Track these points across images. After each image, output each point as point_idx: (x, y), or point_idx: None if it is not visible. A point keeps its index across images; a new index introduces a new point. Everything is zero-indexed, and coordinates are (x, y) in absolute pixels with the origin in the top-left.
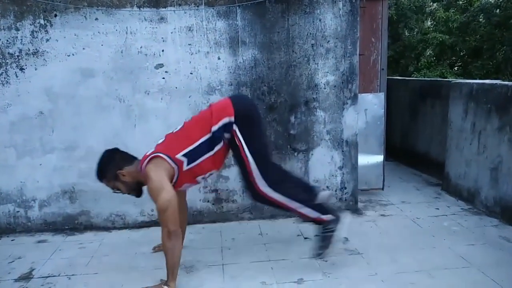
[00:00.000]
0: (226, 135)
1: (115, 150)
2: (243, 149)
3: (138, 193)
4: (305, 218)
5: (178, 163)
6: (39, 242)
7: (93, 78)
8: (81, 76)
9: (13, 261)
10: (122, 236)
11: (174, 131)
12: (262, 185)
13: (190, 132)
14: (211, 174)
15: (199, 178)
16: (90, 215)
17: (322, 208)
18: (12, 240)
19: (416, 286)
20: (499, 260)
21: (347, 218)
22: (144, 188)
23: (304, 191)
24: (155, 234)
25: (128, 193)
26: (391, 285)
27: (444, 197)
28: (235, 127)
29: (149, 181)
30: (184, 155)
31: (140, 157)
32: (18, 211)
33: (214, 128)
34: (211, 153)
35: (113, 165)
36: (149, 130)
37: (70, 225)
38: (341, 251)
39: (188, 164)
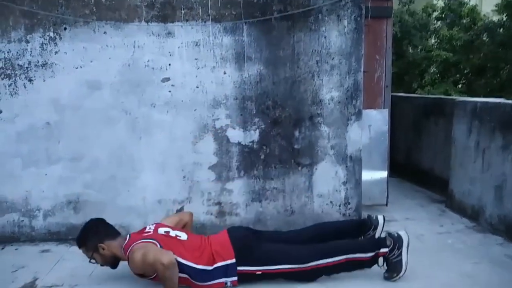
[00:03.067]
0: (231, 280)
1: (101, 222)
2: (271, 269)
3: (113, 266)
4: (365, 262)
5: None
6: (42, 251)
7: (99, 91)
8: (88, 88)
9: (16, 270)
10: None
11: (178, 237)
12: (301, 267)
13: (194, 251)
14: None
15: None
16: None
17: (371, 243)
18: (16, 249)
19: None
20: (504, 279)
21: (406, 237)
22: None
23: (342, 242)
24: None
25: (102, 265)
26: None
27: (448, 214)
28: (241, 267)
29: (138, 257)
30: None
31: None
32: (22, 220)
33: (213, 267)
34: (199, 283)
35: (96, 237)
36: (154, 143)
37: (74, 235)
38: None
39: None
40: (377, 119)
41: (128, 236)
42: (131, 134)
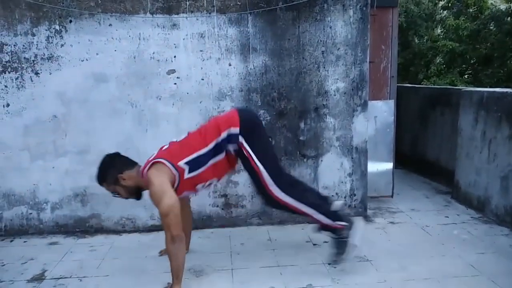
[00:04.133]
0: (232, 147)
1: (116, 155)
2: (253, 158)
3: (138, 197)
4: (318, 224)
5: (180, 171)
6: (51, 244)
7: (106, 83)
8: (94, 81)
9: (25, 262)
10: (132, 240)
11: (178, 140)
12: (275, 191)
13: (194, 141)
14: (211, 183)
15: (198, 186)
16: (101, 218)
17: (335, 215)
18: (24, 242)
19: None
20: (510, 269)
21: (360, 225)
22: (145, 192)
23: (316, 198)
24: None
25: (127, 197)
26: None
27: (454, 205)
28: (241, 138)
29: (151, 186)
30: (186, 163)
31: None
32: (30, 213)
33: (218, 138)
34: (213, 162)
35: (114, 169)
36: (160, 135)
37: (81, 228)
38: (350, 258)
39: (189, 172)
40: (383, 110)
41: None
42: (138, 127)
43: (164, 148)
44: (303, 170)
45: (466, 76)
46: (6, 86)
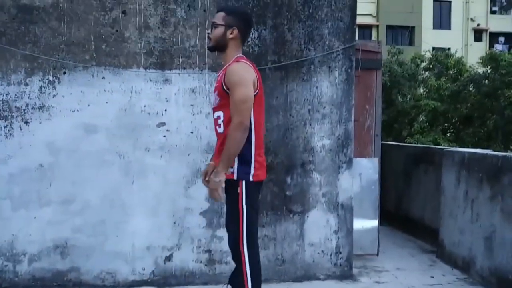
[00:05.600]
0: (242, 175)
1: (252, 22)
2: (242, 201)
3: (213, 49)
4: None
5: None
6: None
7: (95, 134)
8: (84, 131)
9: None
10: None
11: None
12: (244, 244)
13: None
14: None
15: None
16: (80, 272)
17: None
18: None
19: None
20: None
21: None
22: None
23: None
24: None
25: (211, 39)
26: None
27: (439, 264)
28: (246, 182)
29: (239, 70)
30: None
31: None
32: (6, 265)
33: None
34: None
35: (242, 23)
36: (147, 186)
37: (59, 282)
38: None
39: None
40: (368, 168)
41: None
42: (124, 178)
43: None
44: (289, 226)
45: (448, 135)
46: None
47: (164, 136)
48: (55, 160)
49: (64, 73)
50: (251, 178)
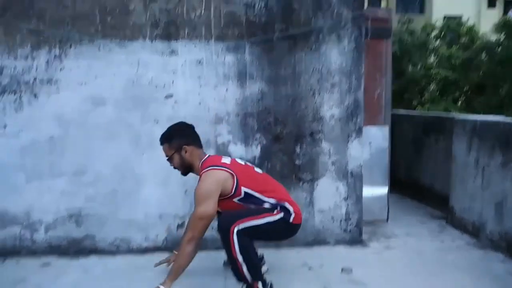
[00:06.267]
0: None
1: (191, 127)
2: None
3: (185, 173)
4: (239, 273)
5: (237, 192)
6: (43, 265)
7: (103, 107)
8: (92, 104)
9: (18, 284)
10: (126, 261)
11: (255, 169)
12: (236, 227)
13: (267, 186)
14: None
15: (228, 209)
16: (95, 240)
17: (258, 275)
18: (17, 263)
19: None
20: None
21: None
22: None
23: (254, 253)
24: (159, 260)
25: (177, 168)
26: None
27: (449, 230)
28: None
29: (203, 183)
30: (246, 193)
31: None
32: (23, 234)
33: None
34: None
35: (184, 137)
36: (156, 158)
37: (75, 249)
38: (346, 282)
39: (239, 200)
40: (377, 136)
41: (207, 155)
42: (134, 149)
43: (238, 162)
44: (299, 194)
45: (459, 103)
46: (4, 108)
47: (172, 107)
48: (65, 133)
49: (70, 46)
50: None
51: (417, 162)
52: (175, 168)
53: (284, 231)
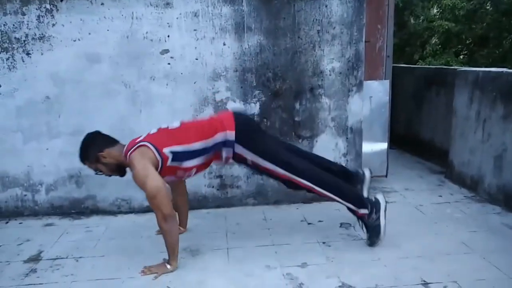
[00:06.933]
0: (226, 151)
1: (97, 133)
2: (260, 163)
3: (121, 174)
4: (349, 209)
5: (163, 157)
6: (46, 225)
7: (99, 64)
8: (87, 61)
9: (21, 244)
10: (127, 220)
11: (169, 127)
12: (296, 179)
13: (186, 133)
14: (195, 173)
15: (181, 174)
16: (96, 200)
17: (360, 202)
18: (20, 223)
19: (418, 271)
20: (501, 246)
21: (383, 204)
22: (129, 172)
23: (340, 183)
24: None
25: (110, 175)
26: (394, 270)
27: (448, 184)
28: (238, 146)
29: (134, 169)
30: (171, 152)
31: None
32: (25, 195)
33: (210, 140)
34: (200, 160)
35: (95, 147)
36: (155, 116)
37: (77, 209)
38: (345, 236)
39: (172, 160)
40: (378, 90)
41: (125, 145)
42: (132, 107)
43: (151, 133)
44: None
45: (461, 57)
46: None
47: (169, 63)
48: (61, 92)
49: (61, 0)
50: (234, 141)
51: (417, 117)
52: (110, 176)
53: (261, 132)
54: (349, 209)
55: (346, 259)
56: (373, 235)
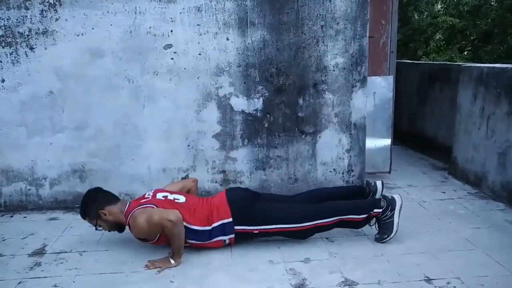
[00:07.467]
0: (228, 237)
1: (98, 190)
2: (267, 229)
3: (120, 230)
4: (359, 222)
5: None
6: (50, 219)
7: (102, 58)
8: (90, 56)
9: (26, 237)
10: None
11: (175, 200)
12: (303, 227)
13: (190, 212)
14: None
15: None
16: None
17: (365, 208)
18: (24, 217)
19: (421, 267)
20: (504, 243)
21: (399, 203)
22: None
23: (337, 205)
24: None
25: (111, 230)
26: (397, 266)
27: (451, 181)
28: (238, 227)
29: (137, 223)
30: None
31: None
32: (29, 189)
33: (208, 227)
34: (199, 240)
35: (96, 204)
36: (158, 111)
37: None
38: (348, 232)
39: None
40: (382, 86)
41: (128, 203)
42: (135, 102)
43: (157, 197)
44: (301, 147)
45: (465, 53)
46: (0, 61)
47: (172, 58)
48: (64, 86)
49: None
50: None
51: (421, 113)
52: (110, 231)
53: (259, 203)
54: (362, 221)
55: (349, 255)
56: (385, 231)
